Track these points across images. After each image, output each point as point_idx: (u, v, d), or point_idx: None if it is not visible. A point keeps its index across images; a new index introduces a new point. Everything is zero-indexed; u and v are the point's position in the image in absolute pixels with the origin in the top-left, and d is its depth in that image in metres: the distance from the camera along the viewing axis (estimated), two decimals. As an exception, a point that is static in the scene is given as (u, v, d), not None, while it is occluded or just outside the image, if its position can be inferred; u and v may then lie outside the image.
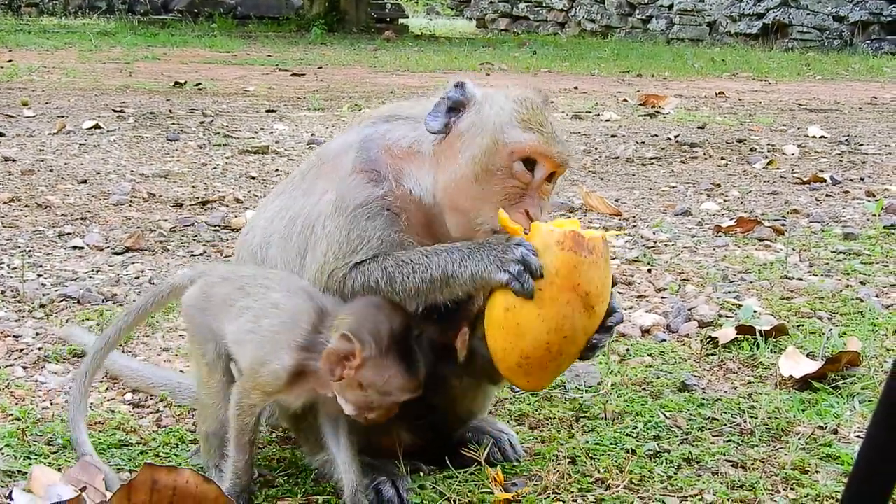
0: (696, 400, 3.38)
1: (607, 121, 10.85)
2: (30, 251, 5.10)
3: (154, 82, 13.44)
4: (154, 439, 3.04)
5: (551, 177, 2.64)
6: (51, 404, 3.29)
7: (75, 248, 5.20)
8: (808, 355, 3.70)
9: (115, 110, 10.38)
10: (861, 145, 9.44)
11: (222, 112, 10.67)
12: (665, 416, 3.24)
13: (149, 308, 2.93)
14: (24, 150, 8.02)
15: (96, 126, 9.21)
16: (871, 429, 1.84)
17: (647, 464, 2.89)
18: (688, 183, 7.51)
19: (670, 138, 9.51)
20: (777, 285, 4.74)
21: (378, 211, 2.61)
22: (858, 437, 3.07)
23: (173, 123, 9.67)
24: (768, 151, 8.95)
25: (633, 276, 4.91)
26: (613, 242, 5.55)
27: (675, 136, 9.57)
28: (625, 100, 12.79)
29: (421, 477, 2.80)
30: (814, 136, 9.89)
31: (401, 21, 30.07)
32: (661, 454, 2.96)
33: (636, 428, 3.14)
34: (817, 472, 2.86)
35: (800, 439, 3.06)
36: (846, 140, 9.70)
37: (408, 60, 18.55)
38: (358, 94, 12.67)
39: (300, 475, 2.83)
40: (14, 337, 3.88)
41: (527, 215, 2.57)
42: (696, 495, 2.72)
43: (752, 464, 2.91)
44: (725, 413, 3.27)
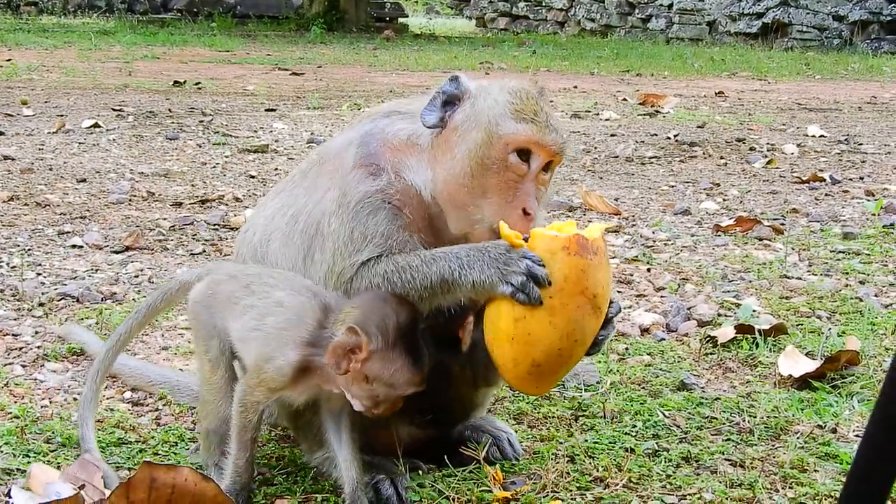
0: (695, 399, 3.38)
1: (607, 120, 10.85)
2: (29, 250, 5.10)
3: (153, 81, 13.43)
4: (153, 437, 3.04)
5: (548, 167, 2.63)
6: (50, 402, 3.29)
7: (74, 246, 5.20)
8: (807, 354, 3.70)
9: (114, 109, 10.38)
10: (860, 145, 9.44)
11: (222, 111, 10.67)
12: (664, 414, 3.24)
13: (158, 306, 2.93)
14: (24, 148, 8.02)
15: (96, 125, 9.21)
16: (869, 428, 1.84)
17: (646, 462, 2.90)
18: (687, 182, 7.51)
19: (670, 137, 9.51)
20: (776, 284, 4.74)
21: (380, 205, 2.60)
22: (857, 436, 3.07)
23: (173, 122, 9.67)
24: (768, 151, 8.95)
25: (632, 275, 4.91)
26: (613, 241, 5.56)
27: (675, 136, 9.57)
28: (624, 99, 12.78)
29: (420, 475, 2.80)
30: (813, 136, 9.88)
31: (400, 20, 30.04)
32: (660, 453, 2.96)
33: (635, 427, 3.15)
34: (816, 470, 2.86)
35: (798, 438, 3.06)
36: (845, 139, 9.70)
37: (407, 59, 18.55)
38: (357, 93, 12.67)
39: (299, 473, 2.83)
40: (13, 335, 3.88)
41: (524, 213, 2.55)
42: (695, 494, 2.72)
43: (751, 462, 2.91)
44: (724, 412, 3.27)
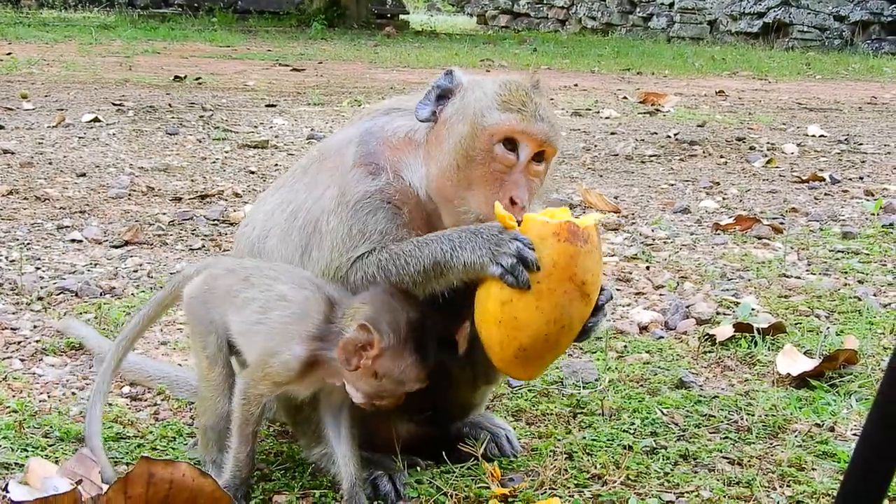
0: (694, 397, 3.38)
1: (607, 118, 10.85)
2: (28, 244, 5.10)
3: (154, 76, 13.42)
4: (151, 432, 3.04)
5: (540, 158, 2.61)
6: (48, 397, 3.29)
7: (74, 241, 5.20)
8: (805, 353, 3.71)
9: (114, 104, 10.37)
10: (860, 145, 9.44)
11: (222, 106, 10.66)
12: (662, 412, 3.24)
13: (166, 301, 2.93)
14: (23, 142, 8.02)
15: (95, 119, 9.20)
16: (867, 426, 1.84)
17: (644, 460, 2.90)
18: (687, 181, 7.51)
19: (670, 136, 9.51)
20: (775, 283, 4.74)
21: (379, 205, 2.60)
22: (855, 434, 3.07)
23: (173, 117, 9.66)
24: (768, 150, 8.95)
25: (631, 273, 4.91)
26: (612, 239, 5.56)
27: (675, 134, 9.57)
28: (625, 97, 12.78)
29: (418, 471, 2.80)
30: (813, 136, 9.88)
31: (401, 17, 30.03)
32: (658, 450, 2.97)
33: (633, 424, 3.15)
34: (814, 469, 2.87)
35: (796, 436, 3.06)
36: (845, 139, 9.70)
37: (408, 56, 18.54)
38: (358, 90, 12.66)
39: (297, 469, 2.83)
40: (12, 329, 3.88)
41: (511, 203, 2.53)
42: (693, 492, 2.72)
43: (749, 460, 2.91)
44: (722, 410, 3.28)
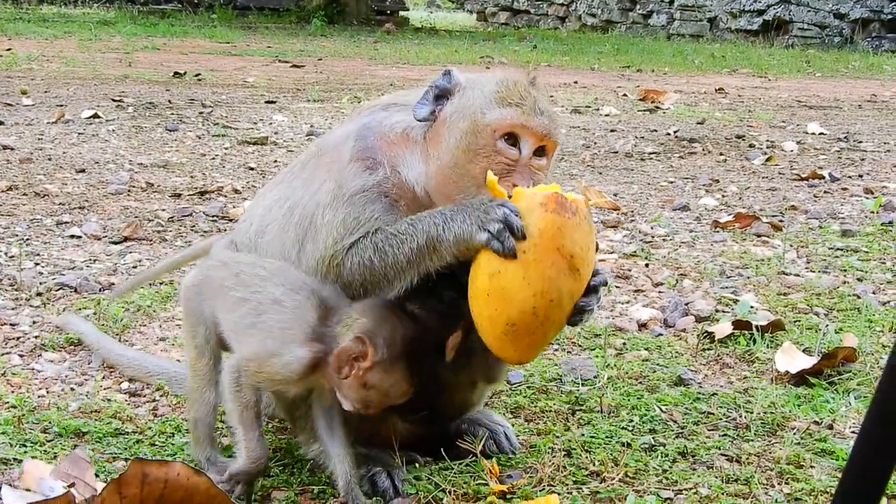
0: (692, 394, 3.38)
1: (607, 115, 10.84)
2: (27, 239, 5.10)
3: (153, 72, 13.42)
4: (150, 428, 3.04)
5: (541, 152, 2.61)
6: (47, 392, 3.29)
7: (73, 237, 5.20)
8: (804, 351, 3.71)
9: (114, 100, 10.36)
10: (860, 142, 9.44)
11: (221, 103, 10.66)
12: (661, 409, 3.25)
13: (194, 256, 2.93)
14: (23, 138, 8.01)
15: (95, 115, 9.20)
16: (865, 424, 1.84)
17: (643, 457, 2.90)
18: (686, 178, 7.51)
19: (669, 134, 9.50)
20: (774, 281, 4.74)
21: (376, 197, 2.60)
22: (853, 432, 3.07)
23: (172, 114, 9.66)
24: (767, 148, 8.95)
25: (630, 270, 4.91)
26: (611, 236, 5.56)
27: (675, 132, 9.57)
28: (624, 95, 12.77)
29: (416, 468, 2.80)
30: (813, 133, 9.88)
31: (401, 13, 29.99)
32: (657, 448, 2.97)
33: (632, 421, 3.15)
34: (812, 466, 2.87)
35: (795, 434, 3.06)
36: (845, 137, 9.70)
37: (408, 53, 18.53)
38: (357, 86, 12.66)
39: (295, 465, 2.83)
40: (11, 325, 3.88)
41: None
42: (691, 489, 2.72)
43: (747, 458, 2.91)
44: (721, 407, 3.28)
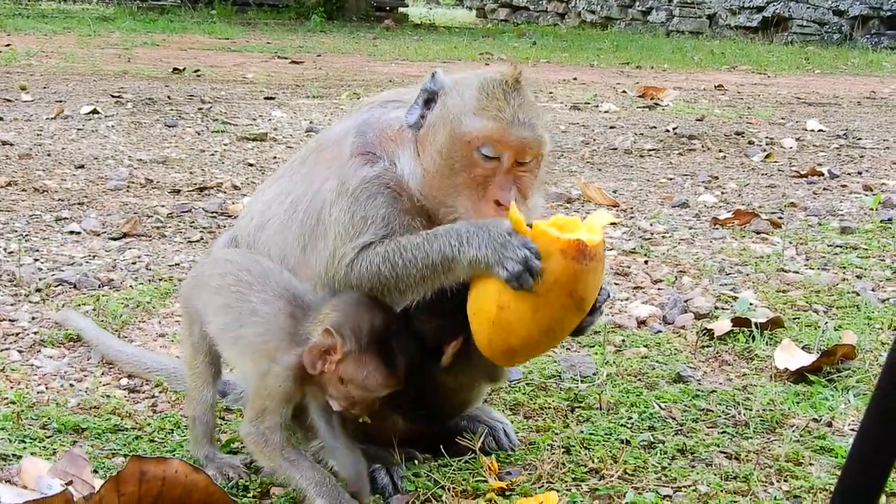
0: (691, 391, 3.38)
1: (606, 112, 10.84)
2: (26, 235, 5.10)
3: (153, 68, 13.40)
4: (149, 424, 3.04)
5: (523, 160, 2.58)
6: (46, 388, 3.29)
7: (72, 232, 5.20)
8: (803, 348, 3.71)
9: (113, 96, 10.36)
10: (859, 139, 9.44)
11: (221, 99, 10.65)
12: (660, 406, 3.25)
13: None
14: (22, 134, 8.01)
15: (94, 111, 9.19)
16: (864, 421, 1.84)
17: (642, 454, 2.90)
18: (686, 175, 7.51)
19: (669, 130, 9.50)
20: (773, 278, 4.74)
21: (378, 189, 2.60)
22: (852, 429, 3.07)
23: (171, 109, 9.65)
24: (766, 144, 8.95)
25: (629, 267, 4.91)
26: (611, 233, 5.55)
27: (674, 129, 9.57)
28: (624, 91, 12.77)
29: (415, 465, 2.80)
30: (812, 130, 9.88)
31: (400, 10, 29.97)
32: (656, 445, 2.97)
33: (631, 418, 3.15)
34: (811, 464, 2.87)
35: (794, 431, 3.07)
36: (844, 134, 9.69)
37: (407, 49, 18.51)
38: (356, 83, 12.65)
39: (295, 462, 2.83)
40: (10, 321, 3.88)
41: (496, 205, 2.53)
42: (690, 486, 2.72)
43: (746, 455, 2.92)
44: (720, 404, 3.28)
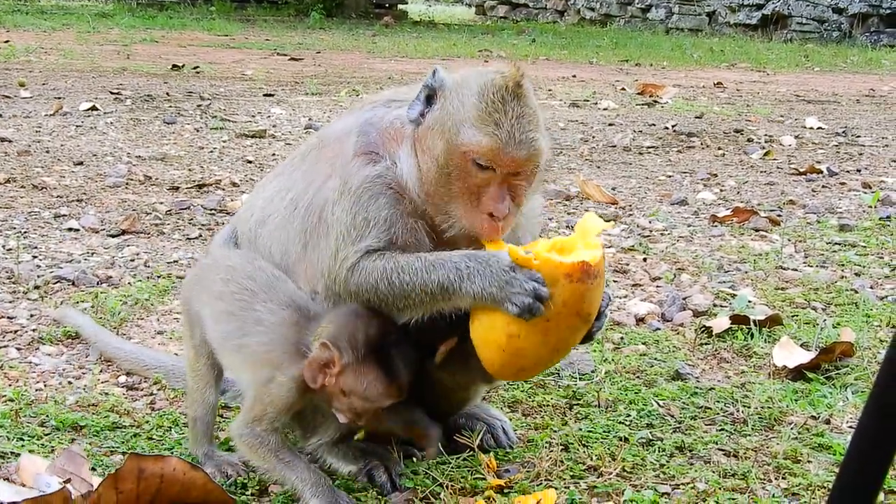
0: (690, 389, 3.38)
1: (605, 109, 10.84)
2: (25, 232, 5.09)
3: (152, 65, 13.40)
4: (147, 422, 3.04)
5: (520, 172, 2.56)
6: (44, 386, 3.28)
7: (71, 229, 5.19)
8: (801, 345, 3.71)
9: (112, 92, 10.35)
10: (858, 137, 9.44)
11: (220, 96, 10.64)
12: (658, 404, 3.25)
13: None
14: (21, 130, 8.00)
15: (93, 108, 9.19)
16: (863, 419, 1.84)
17: (640, 452, 2.90)
18: (684, 172, 7.51)
19: (668, 128, 9.50)
20: (772, 275, 4.74)
21: (380, 189, 2.60)
22: (851, 427, 3.08)
23: (170, 106, 9.65)
24: (765, 142, 8.95)
25: (628, 264, 4.91)
26: (609, 231, 5.55)
27: (673, 126, 9.56)
28: (623, 89, 12.76)
29: (414, 462, 2.81)
30: (811, 128, 9.88)
31: (400, 7, 29.92)
32: (654, 442, 2.97)
33: (629, 416, 3.15)
34: (809, 461, 2.87)
35: (792, 429, 3.07)
36: (843, 132, 9.69)
37: (406, 46, 18.50)
38: (356, 80, 12.64)
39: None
40: (8, 318, 3.87)
41: (490, 217, 2.52)
42: (689, 483, 2.72)
43: (745, 453, 2.92)
44: (718, 402, 3.28)
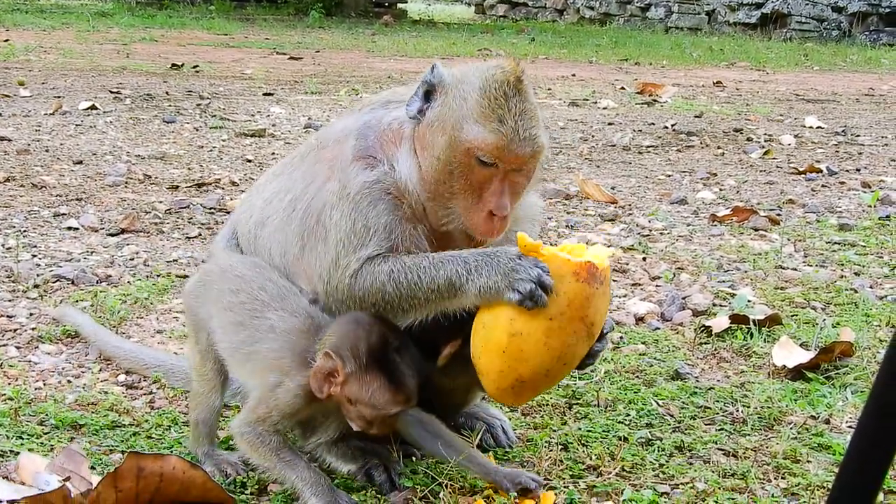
0: (689, 388, 3.38)
1: (604, 108, 10.83)
2: (24, 231, 5.09)
3: (151, 64, 13.39)
4: (147, 420, 3.04)
5: (520, 168, 2.56)
6: (44, 384, 3.28)
7: (70, 228, 5.19)
8: (801, 345, 3.71)
9: (111, 91, 10.35)
10: (857, 136, 9.44)
11: (219, 95, 10.64)
12: (658, 404, 3.25)
13: None
14: (20, 130, 8.00)
15: (93, 107, 9.18)
16: (863, 419, 1.84)
17: (639, 451, 2.90)
18: (684, 172, 7.51)
19: (667, 127, 9.50)
20: (771, 275, 4.74)
21: (379, 195, 2.59)
22: (850, 427, 3.08)
23: (170, 105, 9.64)
24: (765, 141, 8.95)
25: (627, 263, 4.91)
26: (609, 230, 5.56)
27: (672, 125, 9.57)
28: (622, 88, 12.76)
29: (413, 461, 2.81)
30: (811, 127, 9.88)
31: (399, 6, 29.89)
32: (654, 442, 2.97)
33: (629, 415, 3.15)
34: (809, 461, 2.87)
35: (792, 429, 3.07)
36: (843, 131, 9.69)
37: (405, 45, 18.49)
38: (355, 79, 12.64)
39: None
40: (8, 317, 3.87)
41: (490, 215, 2.53)
42: (688, 483, 2.72)
43: (744, 452, 2.92)
44: (718, 402, 3.28)
